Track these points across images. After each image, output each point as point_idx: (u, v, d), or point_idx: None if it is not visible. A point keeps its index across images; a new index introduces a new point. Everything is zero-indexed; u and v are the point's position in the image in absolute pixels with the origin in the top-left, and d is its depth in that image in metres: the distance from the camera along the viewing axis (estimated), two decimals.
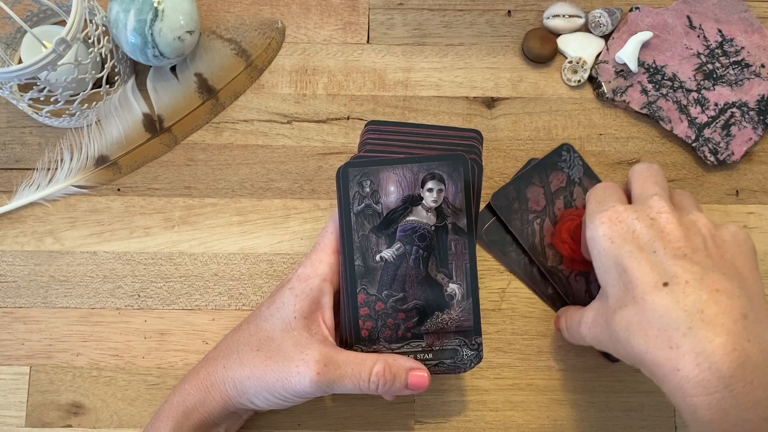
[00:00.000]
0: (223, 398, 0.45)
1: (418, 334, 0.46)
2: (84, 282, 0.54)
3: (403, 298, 0.45)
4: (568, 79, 0.58)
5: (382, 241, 0.45)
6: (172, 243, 0.55)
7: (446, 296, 0.45)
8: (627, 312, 0.40)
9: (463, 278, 0.45)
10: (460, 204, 0.45)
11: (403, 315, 0.45)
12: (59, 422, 0.52)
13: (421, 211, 0.45)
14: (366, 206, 0.45)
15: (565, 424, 0.53)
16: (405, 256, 0.45)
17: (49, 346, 0.53)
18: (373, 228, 0.45)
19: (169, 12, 0.52)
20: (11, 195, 0.56)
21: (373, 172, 0.45)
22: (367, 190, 0.45)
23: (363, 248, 0.45)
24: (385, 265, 0.45)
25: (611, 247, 0.42)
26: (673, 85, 0.57)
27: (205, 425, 0.46)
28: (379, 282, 0.45)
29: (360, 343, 0.46)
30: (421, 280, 0.45)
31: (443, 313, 0.45)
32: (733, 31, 0.58)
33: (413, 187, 0.45)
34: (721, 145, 0.56)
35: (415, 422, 0.52)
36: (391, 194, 0.45)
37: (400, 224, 0.45)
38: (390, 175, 0.45)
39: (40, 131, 0.57)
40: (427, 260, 0.45)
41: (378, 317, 0.45)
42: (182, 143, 0.57)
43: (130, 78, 0.58)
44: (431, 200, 0.45)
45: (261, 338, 0.45)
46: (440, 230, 0.45)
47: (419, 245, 0.45)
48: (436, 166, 0.45)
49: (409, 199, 0.45)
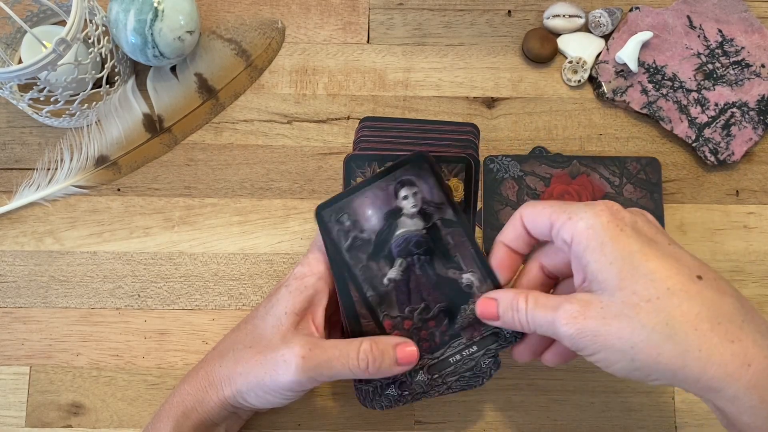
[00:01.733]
0: (219, 398, 0.45)
1: (455, 334, 0.45)
2: (84, 282, 0.54)
3: (425, 307, 0.45)
4: (568, 79, 0.58)
5: (383, 264, 0.45)
6: (172, 243, 0.55)
7: (464, 288, 0.45)
8: (664, 305, 0.36)
9: (473, 265, 0.44)
10: (439, 197, 0.45)
11: (432, 323, 0.45)
12: (59, 422, 0.52)
13: (406, 220, 0.45)
14: (354, 239, 0.45)
15: (565, 424, 0.53)
16: (410, 268, 0.45)
17: (49, 346, 0.53)
18: (369, 255, 0.45)
19: (169, 12, 0.52)
20: (11, 195, 0.56)
21: (345, 205, 0.45)
22: (348, 224, 0.45)
23: (368, 278, 0.45)
24: (396, 285, 0.45)
25: (621, 236, 0.38)
26: (673, 85, 0.57)
27: (204, 425, 0.46)
28: (397, 302, 0.45)
29: None
30: (435, 283, 0.45)
31: (469, 305, 0.44)
32: (733, 31, 0.58)
33: (389, 202, 0.45)
34: (721, 145, 0.56)
35: (416, 422, 0.52)
36: (371, 218, 0.45)
37: (392, 241, 0.45)
38: (363, 200, 0.45)
39: (40, 131, 0.57)
40: (432, 263, 0.45)
41: (411, 335, 0.44)
42: (182, 143, 0.57)
43: (130, 78, 0.58)
44: (411, 206, 0.45)
45: (255, 336, 0.45)
46: (432, 230, 0.45)
47: (418, 252, 0.45)
48: (401, 173, 0.45)
49: (390, 214, 0.45)
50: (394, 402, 0.46)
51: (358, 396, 0.46)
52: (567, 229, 0.40)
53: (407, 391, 0.45)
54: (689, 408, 0.53)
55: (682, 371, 0.36)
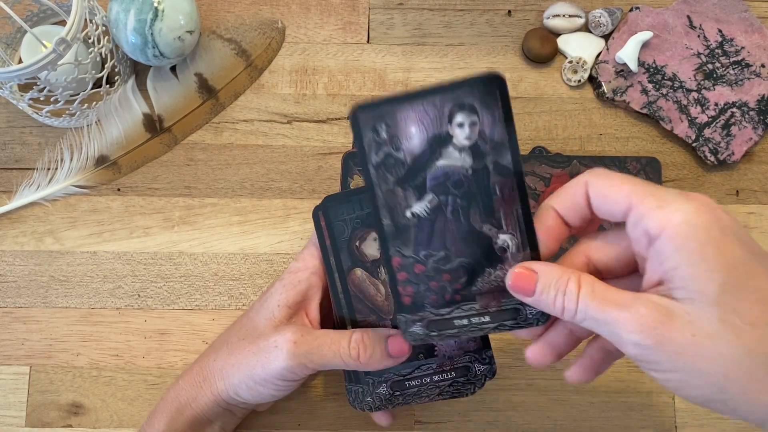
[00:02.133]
0: (213, 393, 0.45)
1: (470, 296, 0.39)
2: (84, 282, 0.54)
3: (445, 257, 0.39)
4: (569, 79, 0.58)
5: (411, 194, 0.38)
6: (172, 243, 0.55)
7: (497, 249, 0.38)
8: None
9: (515, 226, 0.38)
10: (500, 137, 0.37)
11: (447, 276, 0.39)
12: (59, 422, 0.52)
13: (453, 152, 0.38)
14: (386, 156, 0.38)
15: (565, 425, 0.53)
16: (440, 208, 0.38)
17: (49, 346, 0.53)
18: (398, 180, 0.38)
19: (169, 12, 0.52)
20: (11, 195, 0.56)
21: (387, 113, 0.37)
22: (384, 136, 0.38)
23: (390, 205, 0.38)
24: (418, 222, 0.38)
25: (725, 242, 0.32)
26: (673, 85, 0.57)
27: (198, 421, 0.46)
28: (414, 242, 0.39)
29: (403, 311, 0.39)
30: (464, 235, 0.38)
31: (496, 269, 0.38)
32: (733, 31, 0.58)
33: (439, 125, 0.37)
34: (721, 145, 0.56)
35: (416, 422, 0.52)
36: (413, 137, 0.37)
37: (428, 172, 0.38)
38: (408, 113, 0.37)
39: (40, 131, 0.57)
40: (468, 210, 0.38)
41: (419, 281, 0.39)
42: (182, 143, 0.57)
43: (130, 78, 0.58)
44: (463, 138, 0.37)
45: (248, 328, 0.45)
46: (479, 173, 0.38)
47: (455, 194, 0.38)
48: (464, 93, 0.37)
49: (436, 139, 0.38)
50: (384, 402, 0.45)
51: (348, 397, 0.46)
52: (655, 219, 0.33)
53: (398, 391, 0.45)
54: (689, 408, 0.53)
55: None
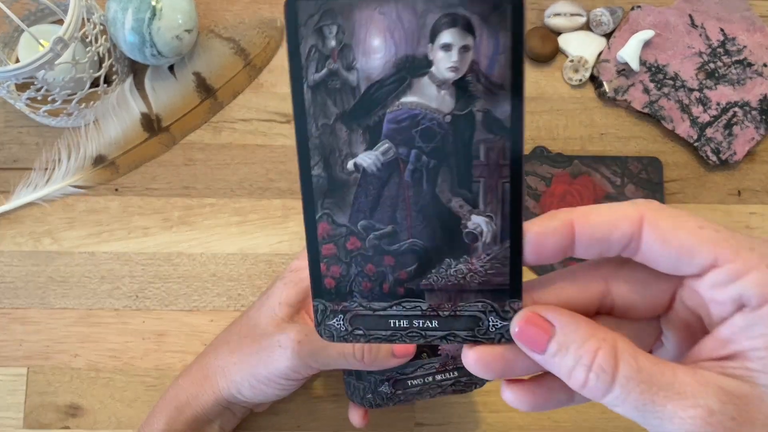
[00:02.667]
0: (214, 391, 0.45)
1: (417, 291, 0.29)
2: (82, 283, 0.54)
3: (392, 233, 0.29)
4: (570, 78, 0.58)
5: (358, 137, 0.28)
6: (171, 243, 0.55)
7: (465, 235, 0.29)
8: None
9: (496, 208, 0.28)
10: (501, 76, 0.26)
11: (391, 260, 0.29)
12: (57, 424, 0.52)
13: (428, 86, 0.27)
14: (330, 74, 0.27)
15: (566, 426, 0.52)
16: (397, 164, 0.28)
17: (47, 347, 0.53)
18: (343, 114, 0.27)
19: (167, 11, 0.52)
20: (9, 195, 0.56)
21: (342, 11, 0.26)
22: (332, 44, 0.26)
23: (325, 148, 0.28)
24: (362, 179, 0.28)
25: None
26: (674, 85, 0.57)
27: (198, 421, 0.45)
28: (352, 206, 0.29)
29: (322, 296, 0.30)
30: (424, 207, 0.28)
31: (459, 262, 0.29)
32: (735, 30, 0.58)
33: (415, 42, 0.26)
34: (723, 144, 0.56)
35: (416, 424, 0.52)
36: (375, 53, 0.26)
37: (390, 109, 0.27)
38: (373, 16, 0.26)
39: (37, 131, 0.57)
40: (435, 174, 0.28)
41: (351, 260, 0.29)
42: (181, 143, 0.57)
43: (128, 77, 0.58)
44: (447, 67, 0.26)
45: (249, 326, 0.45)
46: (461, 123, 0.27)
47: (422, 147, 0.28)
48: (459, 1, 0.26)
49: (407, 63, 0.26)
50: (386, 400, 0.44)
51: (347, 390, 0.45)
52: (761, 285, 0.25)
53: (400, 390, 0.44)
54: None
55: None
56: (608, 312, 0.29)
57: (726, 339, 0.26)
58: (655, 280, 0.28)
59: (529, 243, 0.27)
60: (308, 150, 0.28)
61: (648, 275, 0.28)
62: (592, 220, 0.27)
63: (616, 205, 0.27)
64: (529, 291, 0.28)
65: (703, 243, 0.25)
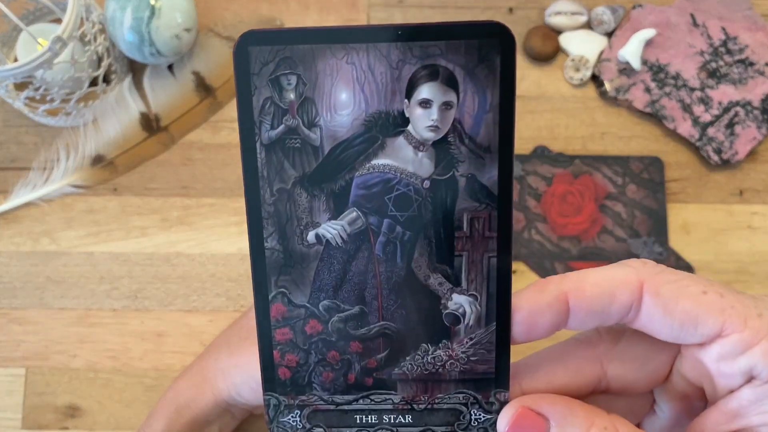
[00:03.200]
0: (214, 393, 0.44)
1: (388, 382, 0.26)
2: (80, 283, 0.54)
3: (359, 314, 0.25)
4: (571, 77, 0.58)
5: (321, 204, 0.24)
6: (170, 243, 0.55)
7: (445, 317, 0.25)
8: None
9: (481, 285, 0.25)
10: (487, 137, 0.23)
11: (358, 346, 0.26)
12: (56, 424, 0.52)
13: (404, 147, 0.24)
14: (287, 131, 0.23)
15: None
16: (367, 236, 0.25)
17: (46, 347, 0.53)
18: (303, 177, 0.24)
19: (166, 10, 0.51)
20: (7, 195, 0.55)
21: (303, 58, 0.22)
22: (290, 97, 0.23)
23: (281, 216, 0.24)
24: (325, 252, 0.25)
25: None
26: (676, 84, 0.57)
27: (197, 423, 0.45)
28: (313, 283, 0.25)
29: (274, 389, 0.26)
30: (398, 285, 0.25)
31: (438, 347, 0.25)
32: (736, 29, 0.58)
33: (388, 96, 0.23)
34: (725, 144, 0.56)
35: None
36: (341, 108, 0.23)
37: (359, 173, 0.24)
38: (340, 65, 0.22)
39: (36, 130, 0.57)
40: (412, 247, 0.25)
41: (310, 347, 0.26)
42: (179, 142, 0.57)
43: (127, 76, 0.57)
44: (427, 125, 0.23)
45: (250, 328, 0.45)
46: (441, 189, 0.24)
47: (396, 216, 0.24)
48: (441, 49, 0.22)
49: (380, 120, 0.23)
50: None
51: None
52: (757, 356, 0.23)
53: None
54: None
55: None
56: (602, 392, 0.27)
57: (734, 413, 0.25)
58: (653, 354, 0.27)
59: (520, 324, 0.24)
60: (260, 218, 0.24)
61: (646, 350, 0.27)
62: (588, 292, 0.24)
63: (611, 271, 0.25)
64: (516, 378, 0.26)
65: (708, 311, 0.24)
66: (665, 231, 0.55)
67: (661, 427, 0.28)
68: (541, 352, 0.27)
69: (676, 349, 0.26)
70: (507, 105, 0.23)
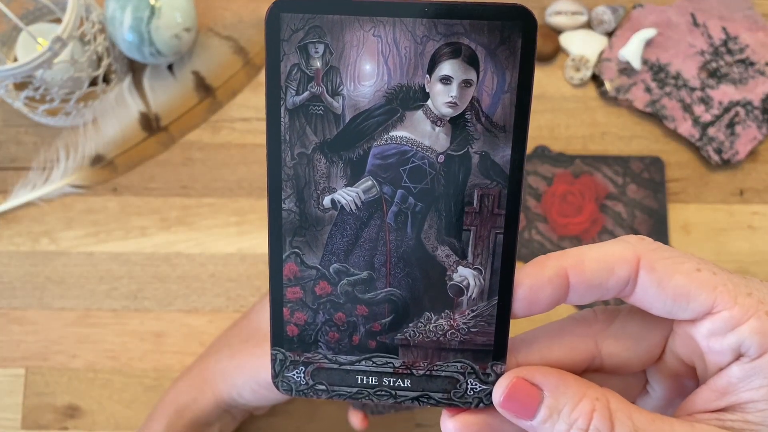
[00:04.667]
0: (215, 394, 0.44)
1: (390, 346, 0.27)
2: (80, 283, 0.54)
3: (368, 279, 0.26)
4: (571, 77, 0.58)
5: (339, 170, 0.25)
6: (169, 243, 0.54)
7: (449, 288, 0.26)
8: None
9: (486, 260, 0.26)
10: (503, 116, 0.24)
11: (365, 309, 0.27)
12: (55, 425, 0.52)
13: (422, 121, 0.24)
14: (311, 97, 0.24)
15: None
16: (380, 205, 0.26)
17: (45, 347, 0.53)
18: (324, 143, 0.25)
19: (166, 9, 0.51)
20: (7, 195, 0.55)
21: (331, 28, 0.23)
22: (317, 65, 0.24)
23: (299, 179, 0.25)
24: (339, 217, 0.26)
25: None
26: (677, 84, 0.57)
27: (197, 424, 0.45)
28: (326, 246, 0.26)
29: (282, 344, 0.27)
30: (406, 254, 0.26)
31: (440, 317, 0.26)
32: (737, 29, 0.58)
33: (411, 70, 0.24)
34: (725, 144, 0.56)
35: (416, 425, 0.52)
36: (365, 79, 0.24)
37: (376, 143, 0.25)
38: (366, 37, 0.23)
39: (35, 130, 0.57)
40: (423, 218, 0.26)
41: (319, 307, 0.27)
42: (179, 142, 0.57)
43: (127, 76, 0.57)
44: (446, 101, 0.24)
45: (250, 329, 0.45)
46: (455, 164, 0.25)
47: (409, 187, 0.25)
48: (465, 28, 0.23)
49: (401, 93, 0.24)
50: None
51: None
52: (762, 333, 0.24)
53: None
54: None
55: None
56: (596, 370, 0.28)
57: (723, 390, 0.25)
58: (647, 333, 0.27)
59: (521, 298, 0.25)
60: (280, 180, 0.25)
61: (640, 328, 0.27)
62: (587, 267, 0.25)
63: (610, 247, 0.25)
64: (512, 351, 0.26)
65: (700, 287, 0.24)
66: (666, 231, 0.55)
67: (654, 408, 0.28)
68: (537, 329, 0.27)
69: (669, 329, 0.27)
70: (525, 86, 0.24)
